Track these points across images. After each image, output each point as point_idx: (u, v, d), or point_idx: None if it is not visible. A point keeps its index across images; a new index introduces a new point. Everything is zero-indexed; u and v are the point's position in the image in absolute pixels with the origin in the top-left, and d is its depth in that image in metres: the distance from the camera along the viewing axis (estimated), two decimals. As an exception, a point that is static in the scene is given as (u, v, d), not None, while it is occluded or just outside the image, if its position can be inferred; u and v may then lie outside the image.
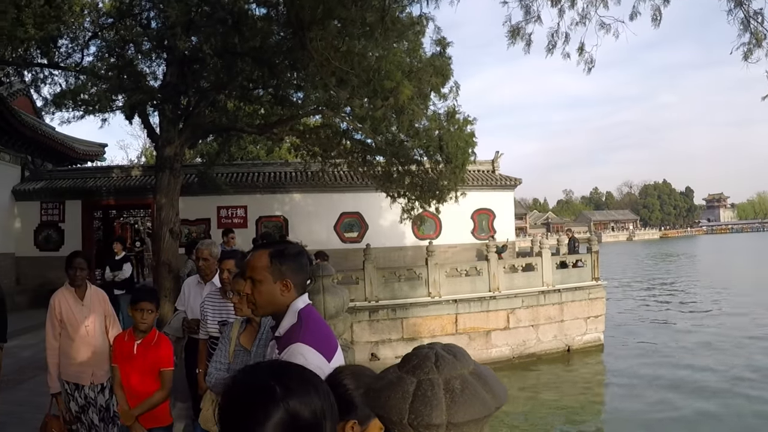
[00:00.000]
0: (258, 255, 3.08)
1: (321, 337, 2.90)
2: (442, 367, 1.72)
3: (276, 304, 3.01)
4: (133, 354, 5.13)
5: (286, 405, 1.46)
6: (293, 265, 3.03)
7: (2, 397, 7.50)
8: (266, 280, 2.99)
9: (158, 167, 15.19)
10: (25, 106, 25.57)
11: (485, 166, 27.88)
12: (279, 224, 24.86)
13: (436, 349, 1.80)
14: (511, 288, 19.38)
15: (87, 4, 17.32)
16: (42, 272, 23.47)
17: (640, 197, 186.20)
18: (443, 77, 13.98)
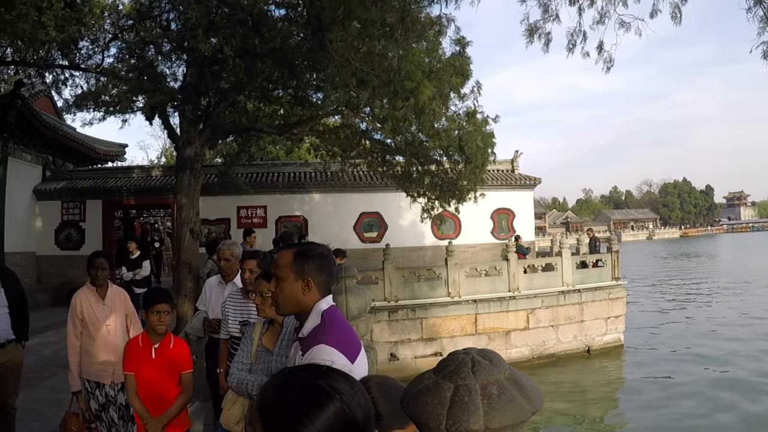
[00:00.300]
0: (283, 253, 3.13)
1: (344, 338, 2.91)
2: (479, 372, 1.72)
3: (298, 304, 3.04)
4: (151, 359, 5.03)
5: (340, 404, 1.47)
6: (315, 265, 3.05)
7: (23, 395, 7.55)
8: (288, 278, 3.03)
9: (179, 167, 15.25)
10: (47, 107, 25.81)
11: (504, 165, 27.83)
12: (299, 224, 24.94)
13: (472, 354, 1.80)
14: (530, 288, 19.30)
15: (107, 6, 17.44)
16: (63, 271, 23.76)
17: (659, 196, 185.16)
18: (463, 77, 13.97)
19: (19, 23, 12.36)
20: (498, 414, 1.66)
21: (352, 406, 1.49)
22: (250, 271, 5.60)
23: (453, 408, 1.68)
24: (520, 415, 1.69)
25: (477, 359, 1.78)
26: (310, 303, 3.01)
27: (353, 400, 1.51)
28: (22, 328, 7.14)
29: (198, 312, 6.90)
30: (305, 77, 14.94)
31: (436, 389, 1.74)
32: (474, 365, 1.76)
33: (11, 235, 21.72)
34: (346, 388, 1.52)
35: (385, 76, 11.80)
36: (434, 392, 1.73)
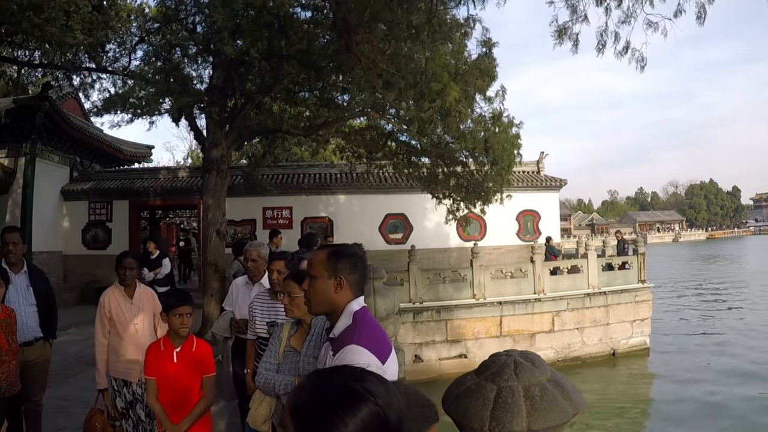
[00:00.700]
0: (317, 253, 3.19)
1: (375, 339, 2.92)
2: (522, 374, 1.72)
3: (330, 302, 3.06)
4: (173, 362, 4.96)
5: (374, 405, 1.47)
6: (348, 263, 3.08)
7: (50, 391, 7.63)
8: (321, 276, 3.06)
9: (205, 169, 15.33)
10: (74, 108, 26.09)
11: (530, 166, 27.75)
12: (324, 225, 25.01)
13: (514, 356, 1.80)
14: (556, 290, 19.13)
15: (134, 10, 17.64)
16: (89, 270, 24.11)
17: (686, 197, 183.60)
18: (489, 78, 13.93)
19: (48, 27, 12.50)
20: (541, 415, 1.66)
21: (386, 409, 1.49)
22: (278, 272, 5.61)
23: (496, 409, 1.69)
24: (562, 417, 1.69)
25: (519, 361, 1.78)
26: (342, 302, 3.04)
27: (387, 403, 1.51)
28: (50, 326, 7.26)
29: (225, 312, 6.93)
30: (331, 79, 14.98)
31: (479, 391, 1.74)
32: (516, 367, 1.76)
33: (39, 235, 21.93)
34: (380, 391, 1.52)
35: (412, 77, 11.79)
36: (477, 394, 1.74)
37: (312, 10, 14.49)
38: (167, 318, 4.97)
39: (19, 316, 6.50)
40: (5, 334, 5.95)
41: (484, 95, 14.39)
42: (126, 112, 15.25)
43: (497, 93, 14.41)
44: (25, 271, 7.06)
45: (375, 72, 11.46)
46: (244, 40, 13.46)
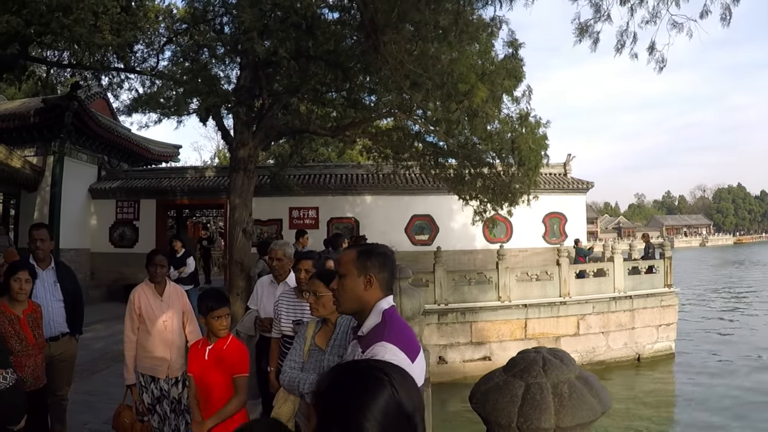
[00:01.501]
0: (347, 251, 3.19)
1: (405, 338, 2.91)
2: (550, 371, 1.71)
3: (359, 300, 3.05)
4: (204, 360, 4.96)
5: (393, 392, 1.51)
6: (378, 261, 3.07)
7: (75, 386, 7.69)
8: (351, 274, 3.05)
9: (232, 168, 15.41)
10: (102, 108, 26.40)
11: (557, 169, 27.57)
12: (350, 226, 25.02)
13: (543, 353, 1.78)
14: (581, 293, 19.05)
15: (162, 11, 17.74)
16: (116, 268, 24.39)
17: (713, 201, 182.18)
18: (516, 79, 13.89)
19: (77, 27, 12.60)
20: (569, 413, 1.64)
21: (403, 397, 1.53)
22: (305, 271, 5.63)
23: (524, 406, 1.67)
24: (591, 415, 1.67)
25: (548, 358, 1.77)
26: (371, 300, 3.03)
27: (405, 392, 1.54)
28: (77, 322, 7.33)
29: (249, 311, 6.95)
30: (358, 79, 14.98)
31: (507, 387, 1.73)
32: (545, 364, 1.74)
33: (67, 232, 22.14)
34: (398, 379, 1.56)
35: (439, 78, 11.77)
36: (505, 390, 1.72)
37: (339, 10, 14.51)
38: (205, 320, 4.95)
39: (46, 312, 6.54)
40: (32, 329, 6.00)
41: (511, 96, 14.35)
42: (154, 112, 15.38)
43: (524, 93, 14.39)
44: (52, 267, 7.13)
45: (402, 72, 11.46)
46: (272, 40, 13.50)
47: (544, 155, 14.95)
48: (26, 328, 5.93)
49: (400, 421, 1.51)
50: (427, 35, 11.25)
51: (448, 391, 15.47)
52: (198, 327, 6.86)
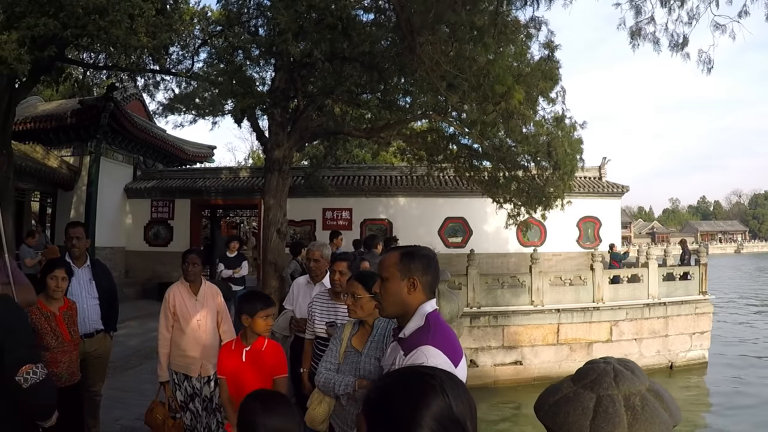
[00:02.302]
0: (389, 254, 3.17)
1: (448, 342, 2.89)
2: (622, 382, 1.66)
3: (402, 303, 3.03)
4: (242, 362, 4.92)
5: (446, 397, 1.50)
6: (421, 264, 3.06)
7: (108, 382, 7.80)
8: (394, 277, 3.04)
9: (267, 169, 15.46)
10: (138, 109, 26.78)
11: (592, 172, 27.32)
12: (383, 227, 25.08)
13: (613, 363, 1.74)
14: (615, 299, 18.78)
15: (196, 13, 17.89)
16: (150, 266, 24.86)
17: (749, 207, 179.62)
18: (552, 81, 13.78)
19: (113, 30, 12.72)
20: (642, 426, 1.60)
21: (456, 404, 1.51)
22: (340, 272, 5.64)
23: (596, 419, 1.63)
24: (664, 429, 1.63)
25: (618, 369, 1.73)
26: (414, 303, 3.01)
27: (457, 398, 1.53)
28: (111, 319, 7.41)
29: (285, 311, 6.96)
30: (393, 81, 14.96)
31: (578, 399, 1.68)
32: (616, 375, 1.70)
33: (102, 231, 22.45)
34: (450, 385, 1.55)
35: (475, 79, 11.70)
36: (575, 402, 1.68)
37: (374, 12, 14.50)
38: (251, 320, 4.90)
39: (81, 309, 6.63)
40: (67, 326, 6.06)
41: (546, 98, 14.25)
42: (190, 112, 15.49)
43: (557, 95, 14.27)
44: (88, 265, 7.22)
45: (438, 74, 11.43)
46: (307, 42, 13.51)
47: (580, 159, 14.83)
48: (62, 325, 5.99)
49: (453, 429, 1.49)
50: (463, 36, 11.20)
51: (479, 395, 15.30)
52: (233, 326, 6.90)
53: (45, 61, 14.62)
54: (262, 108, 15.52)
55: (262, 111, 15.81)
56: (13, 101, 16.06)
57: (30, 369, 2.64)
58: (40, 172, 21.25)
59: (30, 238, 16.43)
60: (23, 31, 12.85)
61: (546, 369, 17.56)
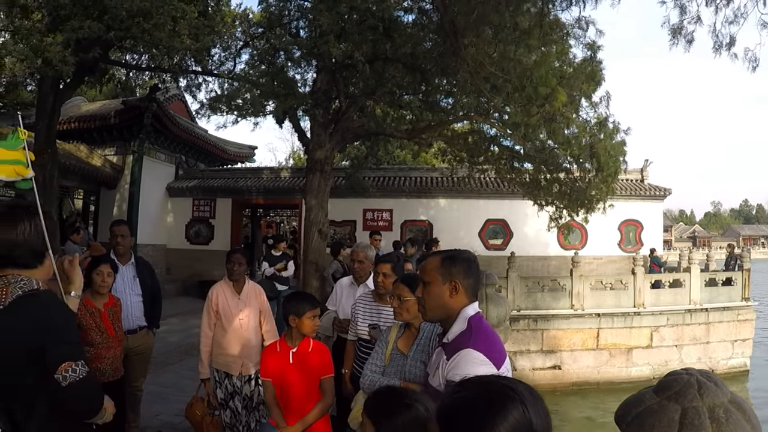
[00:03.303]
0: (431, 258, 3.15)
1: (491, 345, 2.88)
2: (706, 394, 1.64)
3: (445, 307, 3.03)
4: (288, 363, 4.88)
5: (525, 409, 1.47)
6: (462, 267, 3.06)
7: (149, 378, 7.86)
8: (436, 281, 3.04)
9: (309, 169, 15.52)
10: (180, 110, 27.11)
11: (634, 175, 26.94)
12: (423, 229, 24.97)
13: (696, 375, 1.72)
14: (656, 304, 18.53)
15: (238, 15, 18.09)
16: (191, 264, 25.13)
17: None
18: (594, 83, 13.67)
19: (156, 32, 12.87)
20: None
21: (534, 416, 1.48)
22: (383, 274, 5.62)
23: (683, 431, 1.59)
24: None
25: (702, 380, 1.70)
26: (456, 307, 3.00)
27: (535, 410, 1.50)
28: (154, 316, 7.56)
29: (328, 312, 6.96)
30: (435, 82, 14.93)
31: (663, 411, 1.66)
32: (700, 387, 1.67)
33: (144, 228, 22.72)
34: (528, 398, 1.52)
35: (518, 81, 11.62)
36: (661, 414, 1.65)
37: (417, 13, 14.47)
38: (298, 321, 4.86)
39: (125, 305, 6.74)
40: (112, 322, 6.16)
41: (589, 100, 14.13)
42: (231, 113, 15.60)
43: (602, 98, 14.15)
44: (132, 262, 7.33)
45: (482, 75, 11.38)
46: (348, 43, 13.53)
47: (623, 161, 14.67)
48: (107, 321, 6.08)
49: None
50: (506, 37, 11.13)
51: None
52: (275, 326, 6.92)
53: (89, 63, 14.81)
54: (304, 109, 15.58)
55: (304, 112, 15.88)
56: (58, 101, 16.29)
57: (69, 366, 2.65)
58: (83, 171, 21.57)
59: (75, 235, 16.65)
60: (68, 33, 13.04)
61: (585, 374, 17.43)
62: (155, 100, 22.01)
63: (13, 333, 2.61)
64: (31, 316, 2.65)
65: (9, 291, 2.68)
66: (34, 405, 2.66)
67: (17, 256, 2.79)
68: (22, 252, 2.81)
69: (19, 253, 2.80)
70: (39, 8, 14.51)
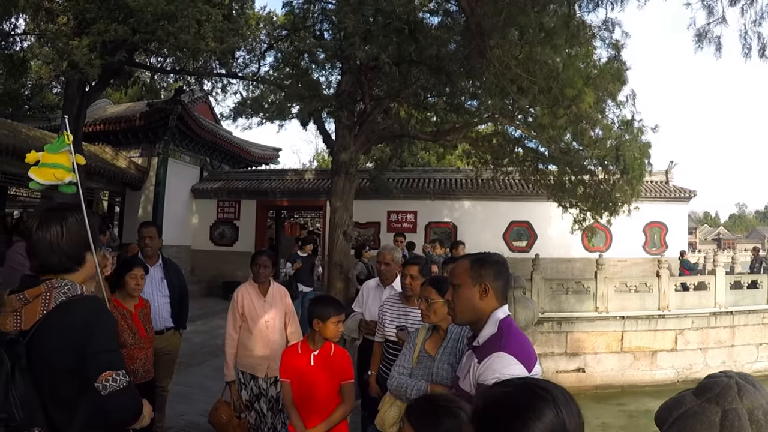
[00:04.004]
0: (460, 262, 3.17)
1: (522, 347, 2.89)
2: (745, 396, 1.65)
3: (475, 310, 3.04)
4: (309, 366, 4.90)
5: (558, 411, 1.49)
6: (492, 270, 3.07)
7: (174, 378, 7.95)
8: (465, 283, 3.06)
9: (334, 172, 15.57)
10: (205, 112, 27.40)
11: (658, 176, 26.76)
12: (448, 231, 24.96)
13: (735, 377, 1.73)
14: (681, 307, 18.36)
15: (262, 18, 18.19)
16: (215, 265, 25.38)
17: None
18: (620, 83, 13.58)
19: (182, 35, 12.97)
20: None
21: (568, 418, 1.50)
22: (411, 276, 5.62)
23: None
24: None
25: (741, 382, 1.71)
26: (486, 310, 3.01)
27: (569, 412, 1.52)
28: (181, 317, 7.62)
29: (354, 313, 6.97)
30: (461, 84, 14.91)
31: (704, 413, 1.67)
32: (740, 389, 1.68)
33: (169, 230, 22.85)
34: (562, 399, 1.54)
35: (545, 83, 11.57)
36: (701, 416, 1.67)
37: (442, 15, 14.47)
38: (322, 325, 4.90)
39: (153, 307, 6.78)
40: (143, 323, 6.22)
41: (615, 101, 14.04)
42: (256, 115, 15.68)
43: (627, 98, 14.05)
44: (160, 264, 7.40)
45: (508, 77, 11.36)
46: (374, 45, 13.55)
47: (648, 163, 14.57)
48: (138, 322, 6.15)
49: None
50: (532, 39, 11.11)
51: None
52: (299, 328, 6.96)
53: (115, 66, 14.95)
54: (328, 111, 15.63)
55: (329, 114, 15.91)
56: (84, 104, 16.45)
57: (110, 376, 2.68)
58: (109, 173, 21.77)
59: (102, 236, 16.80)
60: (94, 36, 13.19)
61: (609, 377, 17.35)
62: (180, 102, 22.21)
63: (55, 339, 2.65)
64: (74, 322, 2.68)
65: (53, 296, 2.72)
66: (74, 411, 2.70)
67: (55, 262, 2.83)
68: (59, 257, 2.84)
69: (57, 259, 2.83)
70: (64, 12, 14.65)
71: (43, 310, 2.69)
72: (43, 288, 2.72)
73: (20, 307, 2.69)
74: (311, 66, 15.71)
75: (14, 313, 2.69)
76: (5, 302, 2.72)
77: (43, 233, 2.81)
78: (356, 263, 13.92)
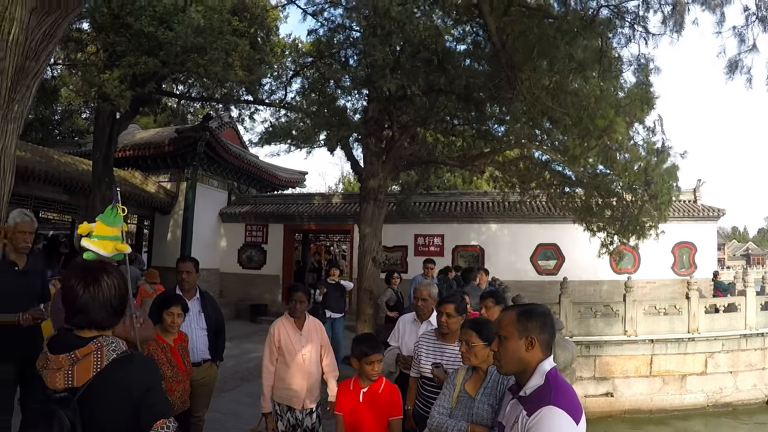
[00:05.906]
0: (507, 313, 3.25)
1: (569, 400, 2.96)
2: None
3: (521, 361, 3.11)
4: (359, 402, 5.04)
5: None
6: (539, 323, 3.14)
7: (207, 404, 8.02)
8: (512, 336, 3.12)
9: (362, 198, 15.63)
10: (232, 137, 27.71)
11: (686, 195, 26.34)
12: (475, 254, 24.88)
13: None
14: (710, 330, 18.16)
15: (287, 45, 18.35)
16: (243, 288, 25.59)
17: None
18: (648, 108, 13.53)
19: (211, 66, 13.17)
20: None
21: None
22: (447, 314, 5.66)
23: None
24: None
25: None
26: (532, 361, 3.08)
27: None
28: (218, 349, 7.67)
29: (391, 348, 7.02)
30: (488, 111, 14.94)
31: None
32: None
33: (198, 253, 22.98)
34: None
35: (575, 113, 11.56)
36: None
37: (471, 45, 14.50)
38: (359, 363, 5.05)
39: (191, 339, 6.90)
40: (181, 356, 6.36)
41: (643, 124, 13.99)
42: (285, 143, 15.82)
43: (655, 122, 13.99)
44: (197, 297, 7.46)
45: (539, 108, 11.36)
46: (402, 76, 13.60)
47: (676, 187, 14.47)
48: (177, 356, 6.28)
49: None
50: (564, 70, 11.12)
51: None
52: (335, 360, 7.04)
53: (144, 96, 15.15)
54: (356, 138, 15.72)
55: (357, 141, 16.02)
56: (115, 132, 16.72)
57: (164, 423, 2.80)
58: (138, 197, 22.05)
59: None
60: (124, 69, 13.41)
61: (638, 402, 17.26)
62: (208, 128, 22.48)
63: (110, 395, 2.76)
64: (129, 378, 2.79)
65: (104, 354, 2.82)
66: None
67: (103, 318, 2.92)
68: (108, 314, 2.94)
69: (105, 316, 2.93)
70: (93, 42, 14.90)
71: (95, 368, 2.79)
72: (93, 347, 2.82)
73: (70, 366, 2.78)
74: (337, 92, 15.83)
75: (63, 371, 2.78)
76: (51, 360, 2.81)
77: (96, 292, 2.90)
78: (386, 289, 14.00)
